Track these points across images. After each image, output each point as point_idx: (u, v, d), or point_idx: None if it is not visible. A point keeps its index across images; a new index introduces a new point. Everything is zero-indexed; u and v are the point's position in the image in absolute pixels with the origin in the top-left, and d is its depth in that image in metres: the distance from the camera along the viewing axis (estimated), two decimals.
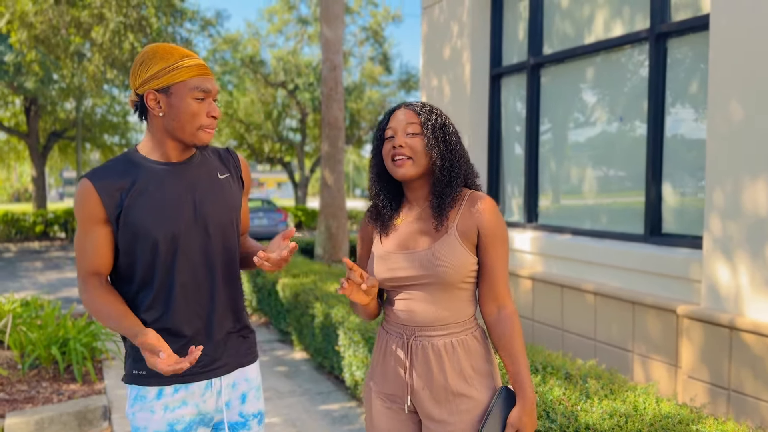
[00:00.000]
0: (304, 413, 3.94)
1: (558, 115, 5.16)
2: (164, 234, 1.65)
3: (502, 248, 1.68)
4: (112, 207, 1.63)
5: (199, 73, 1.64)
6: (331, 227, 7.97)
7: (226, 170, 1.82)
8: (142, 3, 12.02)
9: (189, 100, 1.63)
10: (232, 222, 1.78)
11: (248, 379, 1.84)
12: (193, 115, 1.63)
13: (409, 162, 1.66)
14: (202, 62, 1.68)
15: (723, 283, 3.48)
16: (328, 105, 7.86)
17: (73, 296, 8.70)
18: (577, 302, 4.54)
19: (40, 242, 17.20)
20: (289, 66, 21.40)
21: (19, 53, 13.47)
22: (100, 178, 1.63)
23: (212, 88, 1.66)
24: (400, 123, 1.69)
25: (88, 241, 1.66)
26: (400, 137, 1.67)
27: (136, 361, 1.71)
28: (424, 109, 1.70)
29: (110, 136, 23.01)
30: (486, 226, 1.66)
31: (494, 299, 1.69)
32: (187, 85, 1.62)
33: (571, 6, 4.98)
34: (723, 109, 3.47)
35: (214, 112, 1.66)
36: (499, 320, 1.68)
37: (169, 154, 1.71)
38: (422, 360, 1.68)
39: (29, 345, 4.66)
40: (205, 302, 1.72)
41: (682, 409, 2.38)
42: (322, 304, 4.60)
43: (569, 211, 5.08)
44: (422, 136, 1.67)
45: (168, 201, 1.67)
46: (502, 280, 1.69)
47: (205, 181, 1.74)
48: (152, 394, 1.69)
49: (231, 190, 1.80)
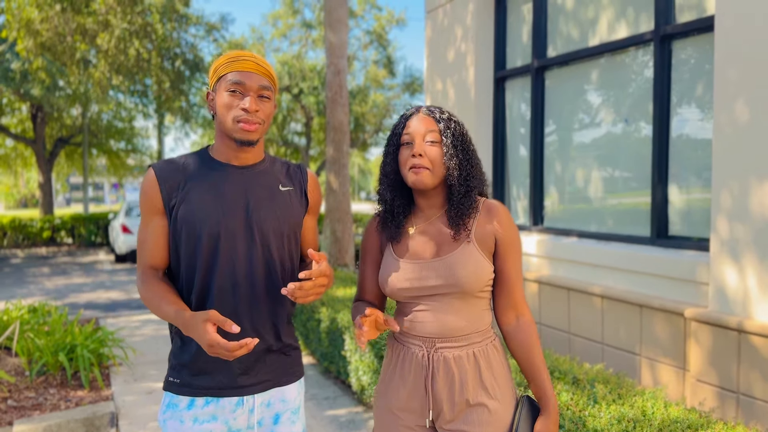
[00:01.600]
0: (311, 418, 3.93)
1: (563, 118, 5.15)
2: (207, 232, 1.63)
3: (517, 256, 1.67)
4: (169, 198, 1.65)
5: (236, 68, 1.64)
6: (337, 231, 7.97)
7: (290, 184, 1.78)
8: (146, 9, 12.08)
9: (223, 93, 1.64)
10: (285, 234, 1.72)
11: (285, 399, 1.76)
12: (226, 107, 1.64)
13: (427, 172, 1.62)
14: (250, 59, 1.66)
15: (731, 286, 3.45)
16: (333, 109, 7.87)
17: (79, 302, 8.73)
18: (584, 305, 4.52)
19: (47, 248, 17.27)
20: (293, 70, 21.44)
21: (25, 61, 13.55)
22: (163, 169, 1.67)
23: (249, 82, 1.63)
24: (418, 130, 1.64)
25: (147, 231, 1.68)
26: (419, 145, 1.62)
27: (172, 369, 1.71)
28: (443, 116, 1.65)
29: (116, 141, 23.12)
30: (504, 234, 1.64)
31: (512, 307, 1.67)
32: (224, 79, 1.65)
33: (575, 8, 4.97)
34: (729, 110, 3.46)
35: (246, 104, 1.62)
36: (519, 329, 1.66)
37: (230, 156, 1.71)
38: (444, 373, 1.63)
39: (37, 352, 4.68)
40: (244, 310, 1.68)
41: (690, 413, 2.36)
42: (328, 309, 4.60)
43: (575, 214, 5.06)
44: (441, 144, 1.63)
45: (217, 200, 1.65)
46: (519, 288, 1.67)
47: (264, 189, 1.71)
48: (184, 404, 1.68)
49: (290, 204, 1.75)
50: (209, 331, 1.46)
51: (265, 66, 1.67)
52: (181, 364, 1.70)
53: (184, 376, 1.69)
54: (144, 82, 15.94)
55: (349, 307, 4.48)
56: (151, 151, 25.16)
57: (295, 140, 25.18)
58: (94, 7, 11.11)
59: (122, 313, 7.56)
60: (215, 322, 1.47)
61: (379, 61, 23.60)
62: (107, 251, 16.63)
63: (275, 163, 1.80)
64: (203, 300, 1.67)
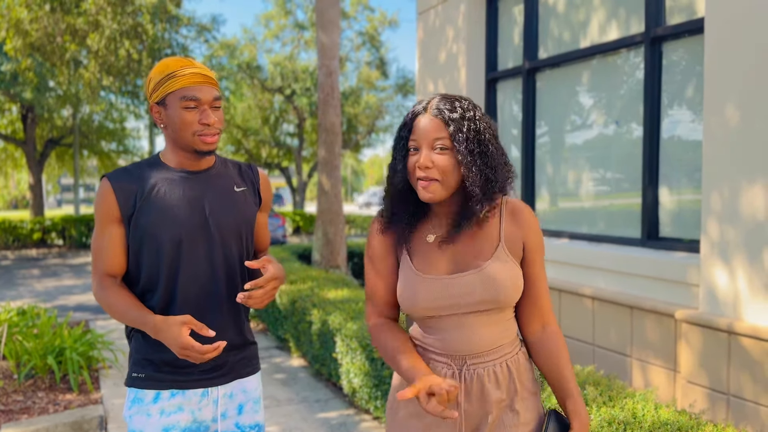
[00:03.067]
0: (302, 421, 3.91)
1: (554, 119, 5.16)
2: (169, 238, 1.68)
3: (542, 261, 1.55)
4: (126, 207, 1.68)
5: (189, 82, 1.64)
6: (329, 233, 7.95)
7: (243, 184, 1.83)
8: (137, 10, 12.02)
9: (179, 110, 1.65)
10: (242, 234, 1.78)
11: (246, 390, 1.84)
12: (184, 123, 1.66)
13: (437, 185, 1.42)
14: (197, 71, 1.67)
15: (721, 288, 3.46)
16: (325, 111, 7.86)
17: (69, 304, 8.67)
18: (575, 307, 4.53)
19: (37, 250, 17.15)
20: (285, 71, 21.42)
21: (14, 61, 13.46)
22: (118, 179, 1.69)
23: (202, 96, 1.66)
24: (425, 134, 1.42)
25: (104, 239, 1.70)
26: (426, 154, 1.41)
27: (136, 364, 1.74)
28: (453, 116, 1.42)
29: (107, 142, 23.00)
30: (532, 240, 1.52)
31: (539, 316, 1.54)
32: (176, 95, 1.65)
33: (566, 10, 4.98)
34: (719, 112, 3.47)
35: (206, 119, 1.65)
36: (546, 338, 1.54)
37: (184, 162, 1.74)
38: (478, 391, 1.48)
39: (25, 355, 4.63)
40: (207, 311, 1.73)
41: (681, 415, 2.36)
42: (319, 311, 4.58)
43: (566, 216, 5.07)
44: (452, 151, 1.42)
45: (177, 206, 1.69)
46: (547, 295, 1.55)
47: (219, 192, 1.76)
48: (149, 398, 1.72)
49: (245, 203, 1.81)
50: (184, 335, 1.52)
51: (210, 74, 1.70)
52: (146, 359, 1.73)
53: (148, 371, 1.72)
54: (135, 83, 15.86)
55: (340, 309, 4.46)
56: (142, 152, 25.04)
57: (288, 141, 25.13)
58: (84, 7, 11.05)
59: None
60: (192, 326, 1.54)
61: (372, 62, 23.60)
62: None
63: (227, 164, 1.85)
64: (168, 303, 1.71)
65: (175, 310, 1.70)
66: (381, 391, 3.60)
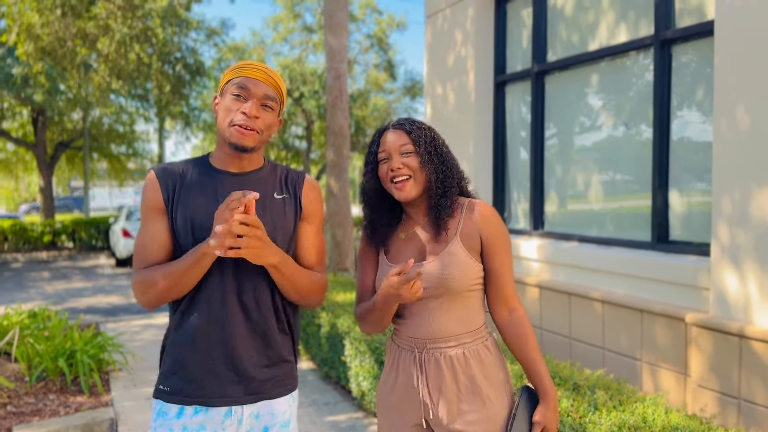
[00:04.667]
0: (311, 425, 3.92)
1: (563, 122, 5.15)
2: (198, 238, 1.63)
3: (505, 252, 1.72)
4: (167, 198, 1.67)
5: (244, 73, 1.65)
6: (337, 235, 7.96)
7: (285, 191, 1.75)
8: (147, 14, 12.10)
9: (228, 96, 1.66)
10: (276, 243, 1.65)
11: (273, 413, 1.73)
12: (226, 110, 1.65)
13: (410, 182, 1.70)
14: (261, 67, 1.67)
15: (732, 291, 3.44)
16: (333, 113, 7.87)
17: (80, 307, 8.73)
18: (585, 310, 4.51)
19: (48, 252, 17.27)
20: (294, 74, 21.45)
21: (25, 65, 13.57)
22: (163, 170, 1.70)
23: (253, 87, 1.64)
24: (393, 144, 1.71)
25: (150, 231, 1.67)
26: (396, 159, 1.70)
27: (163, 377, 1.70)
28: (413, 127, 1.73)
29: (117, 145, 23.13)
30: (488, 232, 1.70)
31: (504, 303, 1.72)
32: (231, 83, 1.66)
33: (575, 13, 4.97)
34: (729, 114, 3.45)
35: (246, 108, 1.62)
36: (512, 322, 1.72)
37: (228, 162, 1.71)
38: (434, 373, 1.69)
39: (36, 357, 4.67)
40: (231, 323, 1.65)
41: (691, 420, 2.35)
42: (328, 314, 4.59)
43: (576, 218, 5.06)
44: (416, 154, 1.70)
45: (210, 206, 1.65)
46: (510, 284, 1.72)
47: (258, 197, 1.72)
48: (173, 413, 1.68)
49: (283, 212, 1.72)
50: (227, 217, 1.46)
51: (274, 77, 1.68)
52: (172, 371, 1.69)
53: (174, 384, 1.68)
54: (145, 87, 15.95)
55: (350, 312, 4.47)
56: (151, 155, 25.18)
57: (296, 144, 25.18)
58: (94, 11, 11.13)
59: (122, 317, 7.55)
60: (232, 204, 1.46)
61: (380, 64, 23.62)
62: (108, 255, 16.62)
63: (275, 169, 1.79)
64: (191, 305, 1.67)
65: (195, 314, 1.64)
66: None
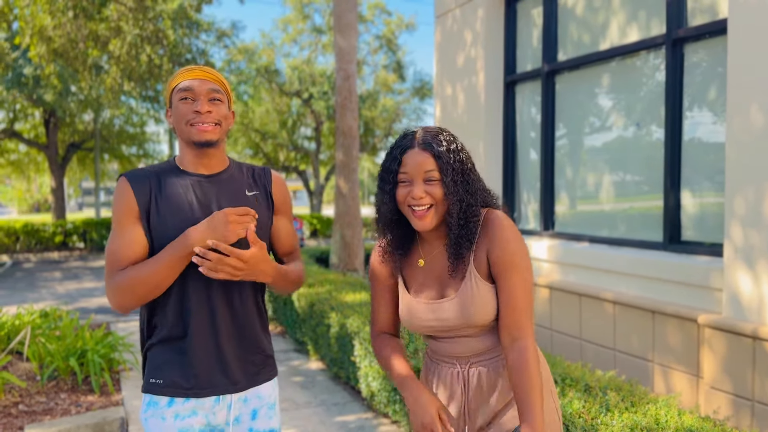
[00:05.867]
0: (320, 425, 3.92)
1: (573, 122, 5.12)
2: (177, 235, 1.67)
3: (518, 276, 1.54)
4: (143, 203, 1.68)
5: (184, 77, 1.70)
6: (346, 236, 7.97)
7: (255, 187, 1.82)
8: (158, 16, 12.16)
9: (177, 103, 1.70)
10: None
11: (260, 395, 1.84)
12: (179, 114, 1.70)
13: (431, 212, 1.54)
14: (194, 68, 1.72)
15: (745, 292, 3.41)
16: (342, 114, 7.88)
17: (90, 307, 8.78)
18: (596, 311, 4.48)
19: (59, 252, 17.38)
20: (303, 75, 21.50)
21: (38, 67, 13.67)
22: (135, 177, 1.71)
23: (196, 87, 1.69)
24: (416, 169, 1.53)
25: (124, 238, 1.67)
26: (419, 186, 1.53)
27: (152, 371, 1.75)
28: (441, 149, 1.53)
29: (128, 146, 23.26)
30: (496, 255, 1.55)
31: (508, 330, 1.55)
32: (175, 91, 1.71)
33: (585, 13, 4.94)
34: (742, 114, 3.42)
35: (197, 107, 1.68)
36: (511, 352, 1.54)
37: (196, 164, 1.75)
38: (477, 385, 1.65)
39: (48, 356, 4.69)
40: (217, 318, 1.72)
41: (705, 422, 2.33)
42: (337, 314, 4.58)
43: (586, 219, 5.03)
44: (441, 183, 1.53)
45: (186, 210, 1.69)
46: (517, 311, 1.54)
47: (230, 196, 1.76)
48: (164, 401, 1.73)
49: (257, 208, 1.80)
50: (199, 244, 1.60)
51: (213, 73, 1.73)
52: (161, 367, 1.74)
53: (165, 377, 1.73)
54: (155, 88, 16.03)
55: (358, 312, 4.46)
56: (162, 155, 25.29)
57: (305, 145, 25.22)
58: (106, 13, 11.20)
59: (132, 317, 7.59)
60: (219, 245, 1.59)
61: (389, 65, 23.61)
62: None
63: (241, 168, 1.85)
64: (179, 316, 1.71)
65: (186, 316, 1.70)
66: (399, 396, 3.59)
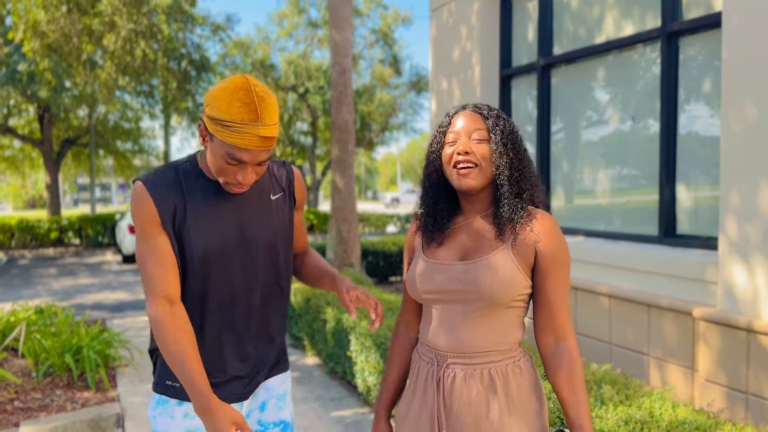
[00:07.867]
0: (316, 420, 3.92)
1: (569, 116, 5.12)
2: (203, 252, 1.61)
3: (562, 274, 1.49)
4: (169, 216, 1.58)
5: (237, 142, 1.48)
6: (342, 231, 7.96)
7: (279, 189, 1.76)
8: (152, 10, 12.10)
9: (222, 157, 1.52)
10: (278, 245, 1.73)
11: (268, 387, 1.83)
12: (220, 170, 1.55)
13: (475, 170, 1.48)
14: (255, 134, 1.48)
15: (740, 286, 3.42)
16: (338, 109, 7.86)
17: (86, 303, 8.76)
18: (592, 305, 4.49)
19: (54, 249, 17.34)
20: (299, 69, 21.45)
21: (32, 62, 13.60)
22: (154, 183, 1.59)
23: (249, 159, 1.51)
24: (464, 127, 1.51)
25: (156, 254, 1.57)
26: (465, 142, 1.49)
27: (169, 373, 1.71)
28: (491, 113, 1.53)
29: (123, 142, 23.20)
30: (545, 249, 1.48)
31: (552, 330, 1.50)
32: (224, 146, 1.50)
33: (581, 6, 4.93)
34: (737, 107, 3.42)
35: (243, 178, 1.54)
36: (557, 354, 1.49)
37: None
38: (452, 391, 1.49)
39: (43, 353, 4.68)
40: (241, 325, 1.71)
41: (699, 414, 2.34)
42: (333, 309, 4.58)
43: (582, 213, 5.03)
44: (489, 142, 1.50)
45: (213, 221, 1.63)
46: (562, 310, 1.49)
47: (255, 203, 1.70)
48: (174, 401, 1.70)
49: (282, 211, 1.75)
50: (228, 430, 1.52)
51: (270, 137, 1.51)
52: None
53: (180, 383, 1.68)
54: (150, 83, 15.97)
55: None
56: (157, 151, 25.23)
57: (301, 140, 25.18)
58: (100, 8, 11.15)
59: (128, 313, 7.58)
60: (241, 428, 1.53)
61: (385, 59, 23.55)
62: (114, 252, 16.68)
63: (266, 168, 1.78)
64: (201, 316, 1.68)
65: (207, 325, 1.67)
66: None
